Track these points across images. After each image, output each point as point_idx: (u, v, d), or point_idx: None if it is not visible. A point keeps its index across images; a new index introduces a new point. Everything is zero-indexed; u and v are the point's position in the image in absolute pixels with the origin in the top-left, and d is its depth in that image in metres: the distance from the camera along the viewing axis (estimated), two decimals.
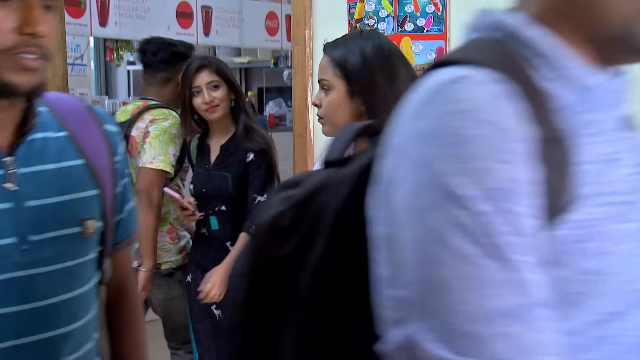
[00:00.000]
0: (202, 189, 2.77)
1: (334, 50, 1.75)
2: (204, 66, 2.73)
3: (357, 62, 1.72)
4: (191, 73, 2.73)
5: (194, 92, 2.73)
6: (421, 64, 2.73)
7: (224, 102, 2.73)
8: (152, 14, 5.48)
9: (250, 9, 6.25)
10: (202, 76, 2.72)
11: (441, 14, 2.69)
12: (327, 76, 1.75)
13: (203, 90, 2.71)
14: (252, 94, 7.35)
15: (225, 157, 2.77)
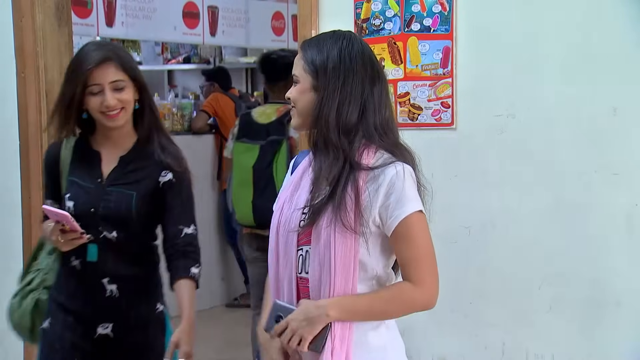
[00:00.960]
0: (89, 208, 2.19)
1: (305, 47, 1.84)
2: (108, 60, 2.17)
3: (322, 56, 1.80)
4: (89, 66, 2.16)
5: (91, 90, 2.17)
6: (428, 64, 2.73)
7: (129, 105, 2.21)
8: (158, 14, 5.49)
9: (257, 9, 6.25)
10: (105, 73, 2.17)
11: (448, 13, 2.68)
12: (297, 71, 1.83)
13: (105, 90, 2.17)
14: (258, 94, 7.35)
15: (127, 171, 2.24)
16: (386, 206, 1.73)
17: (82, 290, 2.22)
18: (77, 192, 2.22)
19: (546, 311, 2.60)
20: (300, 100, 1.82)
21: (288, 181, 1.91)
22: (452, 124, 2.71)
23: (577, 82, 2.54)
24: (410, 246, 1.75)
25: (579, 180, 2.54)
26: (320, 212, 1.75)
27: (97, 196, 2.21)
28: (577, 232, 2.55)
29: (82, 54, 2.20)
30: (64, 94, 2.20)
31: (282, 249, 1.81)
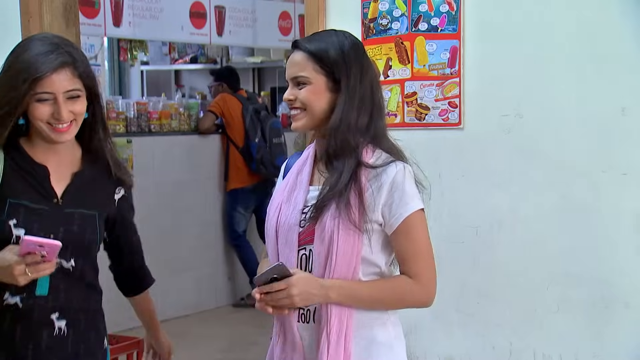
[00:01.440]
0: (46, 235, 1.81)
1: (311, 46, 1.82)
2: (65, 65, 1.84)
3: (337, 56, 1.80)
4: (42, 72, 1.81)
5: (39, 97, 1.83)
6: (435, 64, 2.72)
7: (81, 118, 1.89)
8: (165, 14, 5.50)
9: (264, 8, 6.25)
10: (60, 80, 1.83)
11: (455, 13, 2.68)
12: (306, 72, 1.81)
13: (58, 101, 1.83)
14: (265, 94, 7.36)
15: (83, 188, 1.94)
16: (389, 204, 1.77)
17: (22, 331, 1.87)
18: (28, 216, 1.85)
19: (554, 311, 2.59)
20: (315, 101, 1.81)
21: (282, 183, 1.92)
22: (459, 124, 2.70)
23: (586, 82, 2.54)
24: (411, 243, 1.79)
25: (587, 180, 2.53)
26: (324, 209, 1.77)
27: (55, 220, 1.88)
28: (585, 232, 2.55)
29: (31, 53, 1.83)
30: (4, 98, 1.82)
31: (283, 248, 1.83)
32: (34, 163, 1.90)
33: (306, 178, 1.86)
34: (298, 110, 1.83)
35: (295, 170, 1.90)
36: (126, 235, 2.09)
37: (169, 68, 7.63)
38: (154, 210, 5.45)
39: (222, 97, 5.89)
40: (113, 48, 6.73)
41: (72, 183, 1.93)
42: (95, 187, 1.97)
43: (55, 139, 1.88)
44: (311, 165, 1.88)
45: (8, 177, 1.87)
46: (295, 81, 1.83)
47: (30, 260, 1.72)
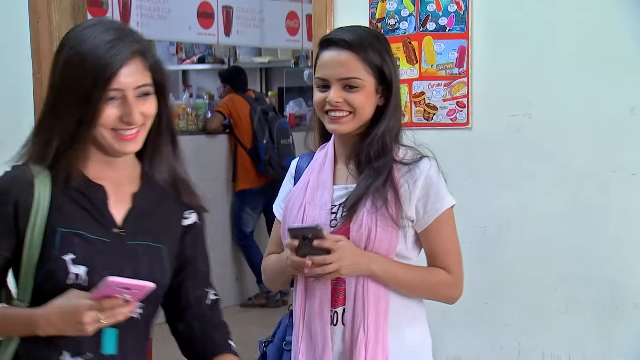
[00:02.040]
0: (111, 275, 1.35)
1: (362, 49, 1.78)
2: (137, 54, 1.45)
3: (385, 58, 1.80)
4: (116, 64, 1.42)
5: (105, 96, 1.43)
6: (443, 64, 2.72)
7: (150, 122, 1.50)
8: (173, 14, 5.50)
9: (271, 8, 6.25)
10: (131, 73, 1.44)
11: (463, 13, 2.67)
12: (358, 74, 1.77)
13: (128, 99, 1.44)
14: (272, 94, 7.36)
15: (147, 215, 1.53)
16: (424, 200, 1.78)
17: None
18: (86, 250, 1.45)
19: (562, 312, 2.58)
20: (366, 106, 1.79)
21: (300, 184, 1.89)
22: (467, 124, 2.70)
23: (594, 81, 2.53)
24: (443, 239, 1.80)
25: (596, 180, 2.53)
26: (358, 207, 1.75)
27: (119, 255, 1.47)
28: (594, 232, 2.54)
29: (94, 44, 1.42)
30: (66, 102, 1.44)
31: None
32: (88, 182, 1.49)
33: (330, 177, 1.84)
34: (344, 112, 1.78)
35: (315, 170, 1.87)
36: (188, 276, 1.59)
37: (177, 68, 7.64)
38: None
39: (230, 97, 5.89)
40: None
41: (134, 207, 1.52)
42: (160, 213, 1.55)
43: (120, 150, 1.47)
44: (332, 164, 1.86)
45: (57, 201, 1.45)
46: (343, 82, 1.78)
47: (108, 305, 1.34)
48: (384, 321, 1.76)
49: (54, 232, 1.44)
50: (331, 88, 1.78)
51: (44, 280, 1.43)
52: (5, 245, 1.45)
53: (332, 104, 1.77)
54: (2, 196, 1.47)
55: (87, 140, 1.45)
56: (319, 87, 1.81)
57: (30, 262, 1.44)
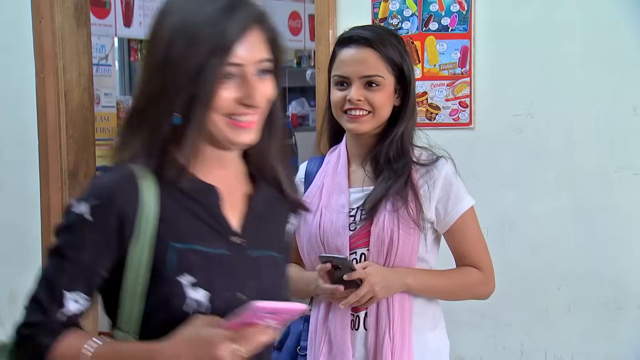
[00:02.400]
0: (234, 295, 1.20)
1: (383, 47, 1.76)
2: (256, 24, 1.22)
3: (404, 57, 1.79)
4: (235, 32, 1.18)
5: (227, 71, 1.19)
6: (446, 64, 2.72)
7: (268, 105, 1.28)
8: None
9: (273, 8, 6.24)
10: (251, 46, 1.21)
11: (466, 13, 2.67)
12: (380, 72, 1.76)
13: (246, 76, 1.21)
14: None
15: (262, 220, 1.31)
16: (444, 201, 1.77)
17: None
18: (205, 269, 1.19)
19: (565, 312, 2.58)
20: (386, 106, 1.78)
21: (313, 187, 1.85)
22: (470, 124, 2.70)
23: (597, 82, 2.52)
24: (469, 239, 1.80)
25: (599, 180, 2.52)
26: (378, 209, 1.74)
27: (241, 270, 1.23)
28: (597, 232, 2.53)
29: (206, 10, 1.17)
30: (173, 83, 1.15)
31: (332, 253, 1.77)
32: (198, 183, 1.23)
33: (345, 180, 1.81)
34: (364, 111, 1.75)
35: (329, 173, 1.83)
36: None
37: None
38: None
39: None
40: (124, 48, 6.74)
41: (250, 211, 1.28)
42: (272, 217, 1.33)
43: (234, 140, 1.21)
44: (346, 167, 1.83)
45: (167, 209, 1.19)
46: (364, 80, 1.75)
47: (248, 334, 1.10)
48: (409, 325, 1.75)
49: (165, 248, 1.17)
50: (352, 86, 1.75)
51: (156, 307, 1.16)
52: (104, 263, 1.18)
53: (354, 102, 1.74)
54: (105, 205, 1.16)
55: (199, 130, 1.17)
56: (337, 85, 1.78)
57: (136, 285, 1.17)
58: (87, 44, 3.30)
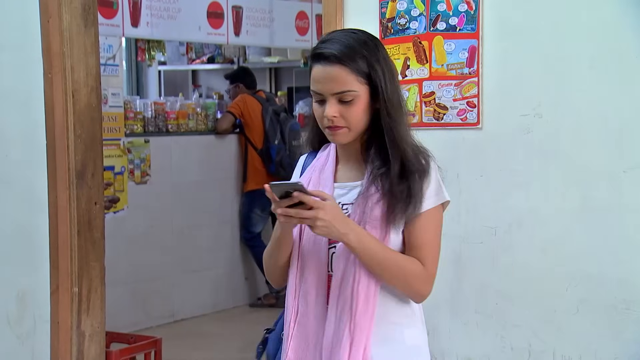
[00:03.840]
0: None
1: (352, 61, 1.77)
2: None
3: (378, 68, 1.79)
4: None
5: None
6: (453, 63, 2.71)
7: None
8: (183, 14, 5.51)
9: (281, 8, 6.25)
10: None
11: (474, 12, 2.67)
12: (351, 86, 1.77)
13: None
14: (281, 94, 7.36)
15: None
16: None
17: None
18: None
19: (573, 313, 2.57)
20: (362, 117, 1.80)
21: (302, 180, 1.89)
22: (478, 124, 2.69)
23: (605, 81, 2.51)
24: (426, 233, 1.80)
25: (608, 180, 2.51)
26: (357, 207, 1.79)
27: None
28: (605, 232, 2.52)
29: None
30: None
31: (311, 246, 1.81)
32: None
33: (330, 177, 1.86)
34: (340, 127, 1.79)
35: (317, 169, 1.89)
36: None
37: (186, 68, 7.65)
38: (171, 210, 5.46)
39: (242, 98, 5.89)
40: (131, 48, 6.76)
41: None
42: None
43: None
44: (334, 164, 1.88)
45: None
46: (337, 97, 1.78)
47: None
48: (367, 322, 1.75)
49: None
50: (327, 102, 1.79)
51: None
52: None
53: (329, 119, 1.79)
54: None
55: None
56: (316, 100, 1.82)
57: None
58: (95, 43, 3.30)
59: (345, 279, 1.77)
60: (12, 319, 3.30)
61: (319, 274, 1.80)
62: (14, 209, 3.37)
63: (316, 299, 1.80)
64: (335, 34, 1.85)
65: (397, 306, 1.82)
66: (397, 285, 1.80)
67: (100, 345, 3.32)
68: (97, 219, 3.29)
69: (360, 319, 1.75)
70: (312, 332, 1.80)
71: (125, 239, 5.06)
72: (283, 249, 1.83)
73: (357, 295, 1.75)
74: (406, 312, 1.83)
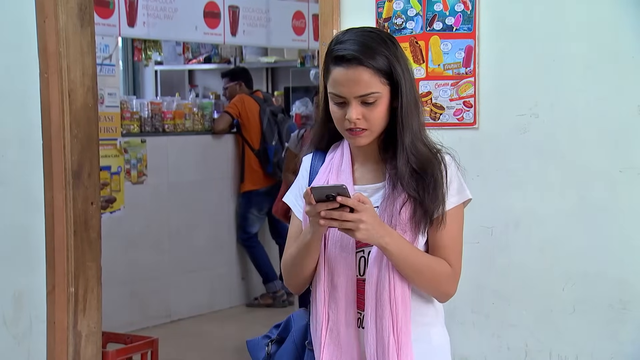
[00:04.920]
0: None
1: (374, 61, 1.75)
2: None
3: (398, 66, 1.78)
4: None
5: None
6: (450, 63, 2.71)
7: None
8: (179, 14, 5.51)
9: (277, 8, 6.25)
10: None
11: (470, 12, 2.67)
12: (375, 88, 1.76)
13: None
14: (278, 94, 7.36)
15: None
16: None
17: None
18: None
19: (570, 312, 2.57)
20: (383, 118, 1.79)
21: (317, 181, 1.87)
22: (474, 124, 2.69)
23: (602, 81, 2.52)
24: (449, 233, 1.81)
25: (604, 180, 2.52)
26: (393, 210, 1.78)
27: None
28: (602, 232, 2.53)
29: None
30: None
31: (338, 252, 1.78)
32: None
33: (350, 178, 1.83)
34: (362, 129, 1.78)
35: (333, 172, 1.85)
36: None
37: (183, 68, 7.64)
38: (168, 210, 5.46)
39: (240, 98, 5.88)
40: (127, 48, 6.75)
41: None
42: None
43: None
44: (350, 165, 1.85)
45: None
46: (360, 99, 1.76)
47: None
48: (409, 324, 1.76)
49: None
50: (350, 105, 1.76)
51: None
52: None
53: (352, 121, 1.77)
54: None
55: None
56: (335, 102, 1.79)
57: None
58: (91, 43, 3.30)
59: (381, 284, 1.75)
60: (8, 319, 3.30)
61: (348, 279, 1.78)
62: (10, 209, 3.36)
63: (346, 305, 1.78)
64: (351, 33, 1.81)
65: (425, 306, 1.82)
66: (427, 287, 1.81)
67: (97, 346, 3.31)
68: (93, 219, 3.28)
69: (402, 323, 1.74)
70: (344, 338, 1.78)
71: (121, 239, 5.06)
72: (312, 254, 1.79)
73: (395, 299, 1.74)
74: (431, 311, 1.84)
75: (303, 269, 1.81)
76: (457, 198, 1.81)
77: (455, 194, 1.81)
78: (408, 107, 1.78)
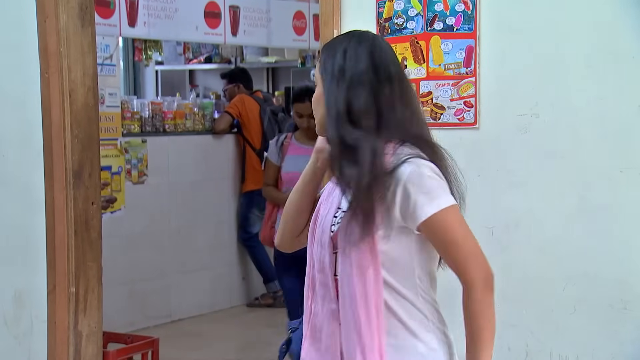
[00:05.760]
0: None
1: (324, 50, 1.81)
2: None
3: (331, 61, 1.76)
4: None
5: None
6: (450, 63, 2.71)
7: None
8: (180, 14, 5.50)
9: (278, 8, 6.25)
10: None
11: (471, 12, 2.67)
12: (316, 73, 1.81)
13: None
14: (279, 94, 7.36)
15: None
16: (404, 207, 1.70)
17: None
18: None
19: (571, 312, 2.57)
20: (318, 109, 1.80)
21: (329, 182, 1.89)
22: (475, 124, 2.69)
23: (602, 81, 2.52)
24: (447, 242, 1.72)
25: (605, 179, 2.52)
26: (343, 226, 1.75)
27: None
28: (602, 232, 2.53)
29: None
30: None
31: (320, 249, 1.79)
32: None
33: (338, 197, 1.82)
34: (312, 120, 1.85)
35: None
36: None
37: (184, 68, 7.64)
38: (169, 210, 5.46)
39: (240, 98, 5.88)
40: (128, 48, 6.75)
41: None
42: None
43: None
44: None
45: None
46: None
47: None
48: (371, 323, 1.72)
49: None
50: None
51: None
52: None
53: None
54: None
55: None
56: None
57: None
58: (92, 43, 3.30)
59: (345, 282, 1.74)
60: (9, 319, 3.30)
61: (326, 277, 1.78)
62: (11, 209, 3.36)
63: (327, 301, 1.78)
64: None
65: (408, 314, 1.76)
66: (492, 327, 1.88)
67: (98, 346, 3.31)
68: (94, 219, 3.28)
69: (363, 319, 1.71)
70: (325, 333, 1.78)
71: (122, 239, 5.06)
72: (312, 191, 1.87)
73: (354, 295, 1.72)
74: (417, 317, 1.78)
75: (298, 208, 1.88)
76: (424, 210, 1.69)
77: (425, 202, 1.68)
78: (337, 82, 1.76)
